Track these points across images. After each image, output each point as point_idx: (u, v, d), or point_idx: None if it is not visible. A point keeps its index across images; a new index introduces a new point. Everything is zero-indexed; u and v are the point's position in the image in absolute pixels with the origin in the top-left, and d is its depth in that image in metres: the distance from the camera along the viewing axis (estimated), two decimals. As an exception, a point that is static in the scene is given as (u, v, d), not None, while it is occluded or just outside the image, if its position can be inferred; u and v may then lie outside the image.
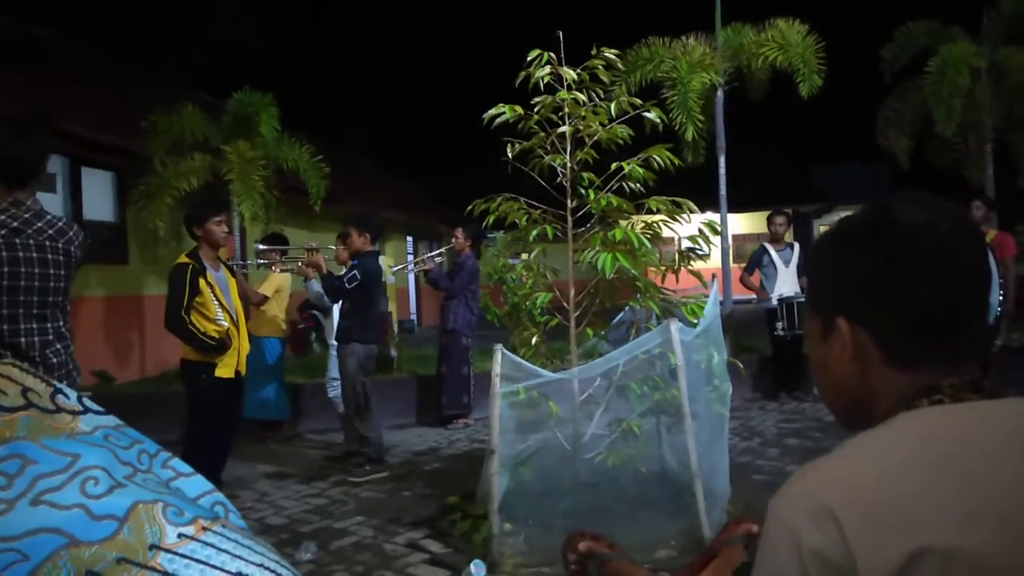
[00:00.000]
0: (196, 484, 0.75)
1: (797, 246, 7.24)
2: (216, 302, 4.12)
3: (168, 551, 0.66)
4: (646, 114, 4.15)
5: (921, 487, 0.70)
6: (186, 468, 0.75)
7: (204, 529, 0.68)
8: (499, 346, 3.74)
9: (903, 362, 0.82)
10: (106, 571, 0.62)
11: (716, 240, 4.50)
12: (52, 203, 7.03)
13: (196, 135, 7.72)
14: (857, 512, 0.69)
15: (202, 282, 4.07)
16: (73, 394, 0.70)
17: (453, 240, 6.76)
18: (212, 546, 0.68)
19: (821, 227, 24.78)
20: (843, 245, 0.87)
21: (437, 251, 7.22)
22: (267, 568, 0.69)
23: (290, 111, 8.50)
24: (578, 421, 3.95)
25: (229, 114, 8.08)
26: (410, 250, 17.20)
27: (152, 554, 0.65)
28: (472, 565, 3.37)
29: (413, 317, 16.60)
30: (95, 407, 0.71)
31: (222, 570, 0.67)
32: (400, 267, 9.05)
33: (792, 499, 0.74)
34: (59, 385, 0.69)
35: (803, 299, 6.51)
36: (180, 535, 0.67)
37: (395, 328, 9.41)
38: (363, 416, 5.25)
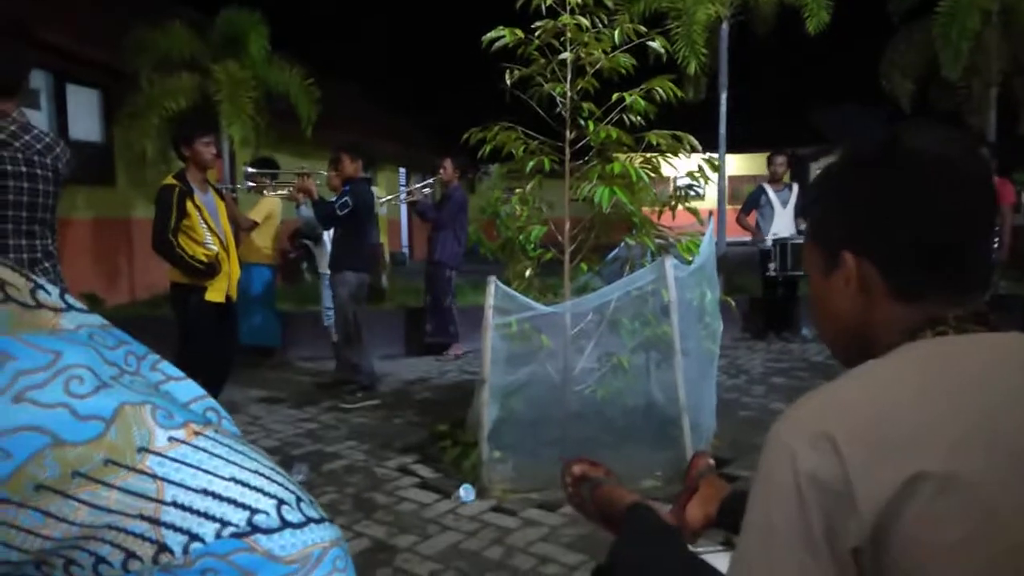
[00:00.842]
0: (187, 388, 0.72)
1: (796, 187, 7.18)
2: (204, 225, 4.05)
3: (158, 454, 0.63)
4: (650, 43, 4.01)
5: (920, 415, 0.70)
6: (176, 372, 0.72)
7: (196, 434, 0.66)
8: (493, 278, 3.72)
9: (909, 294, 0.80)
10: (93, 472, 0.60)
11: (713, 179, 4.44)
12: (36, 121, 6.83)
13: (183, 53, 7.47)
14: (855, 437, 0.69)
15: (189, 204, 3.99)
16: (55, 290, 0.66)
17: (441, 171, 6.65)
18: (204, 451, 0.65)
19: (817, 169, 24.58)
20: (850, 174, 0.85)
21: (426, 182, 7.09)
22: (262, 475, 0.67)
23: (280, 34, 8.24)
24: (569, 355, 3.97)
25: (217, 32, 7.80)
26: (403, 182, 16.98)
27: (140, 457, 0.62)
28: (461, 488, 3.46)
29: (405, 250, 16.53)
30: (78, 305, 0.67)
31: (215, 475, 0.64)
32: (390, 198, 8.93)
33: (792, 423, 0.74)
34: (40, 281, 0.65)
35: (798, 240, 6.54)
36: (170, 438, 0.64)
37: (387, 259, 9.37)
38: (354, 344, 5.26)
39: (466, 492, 3.46)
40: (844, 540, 0.67)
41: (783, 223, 6.96)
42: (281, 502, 0.66)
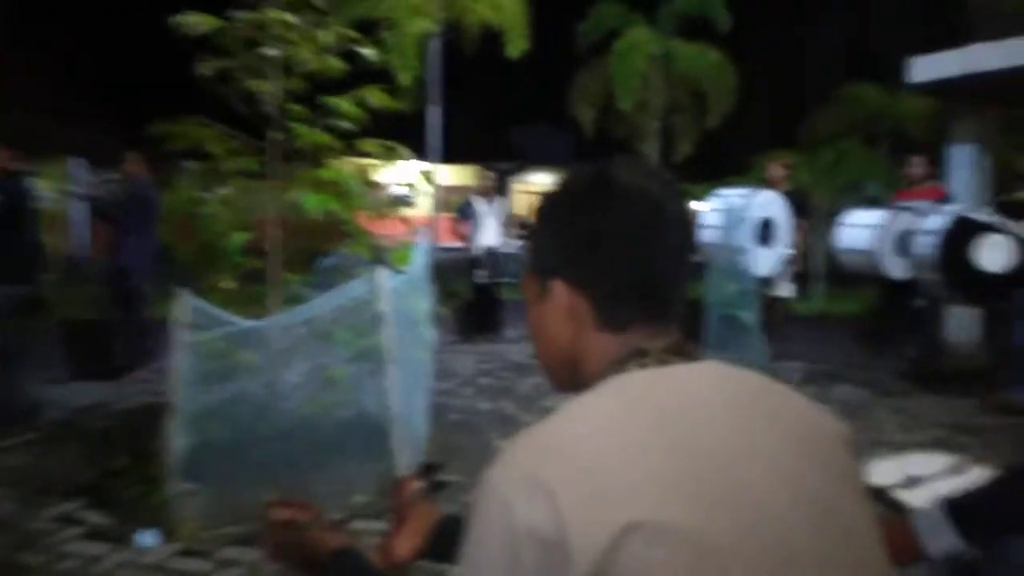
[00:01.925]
0: None
1: (501, 200, 7.67)
2: None
3: None
4: (361, 50, 3.94)
5: (629, 457, 0.69)
6: None
7: None
8: (184, 290, 3.33)
9: (616, 325, 0.81)
10: None
11: (428, 189, 4.51)
12: None
13: None
14: (568, 484, 0.67)
15: None
16: None
17: (125, 165, 5.86)
18: None
19: (514, 184, 26.66)
20: (560, 207, 0.86)
21: (107, 177, 6.19)
22: None
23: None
24: (275, 370, 3.71)
25: None
26: (81, 174, 14.62)
27: None
28: (140, 534, 3.01)
29: (81, 252, 14.25)
30: None
31: None
32: (62, 192, 7.64)
33: (505, 469, 0.70)
34: None
35: (506, 250, 7.03)
36: None
37: (65, 265, 7.98)
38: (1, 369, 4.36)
39: (146, 537, 3.02)
40: None
41: (491, 233, 7.39)
42: None
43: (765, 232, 6.40)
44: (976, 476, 1.55)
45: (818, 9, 19.75)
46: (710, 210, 6.01)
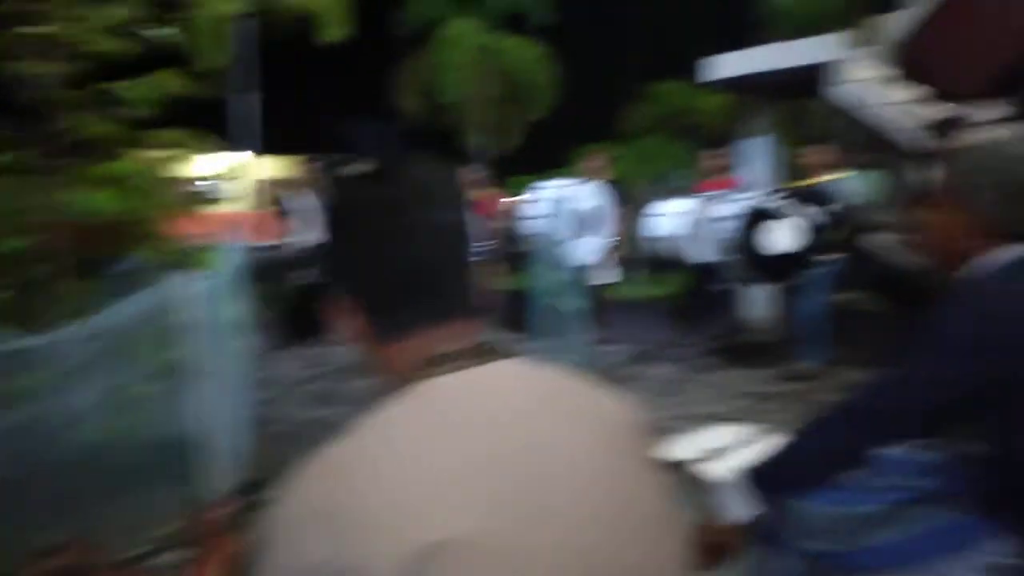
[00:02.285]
0: None
1: (322, 195, 7.36)
2: None
3: None
4: (156, 30, 3.58)
5: (424, 473, 0.66)
6: None
7: None
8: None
9: (398, 332, 0.78)
10: None
11: (241, 183, 4.21)
12: None
13: None
14: (359, 510, 0.63)
15: None
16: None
17: None
18: None
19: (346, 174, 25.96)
20: (334, 209, 0.84)
21: None
22: None
23: None
24: (63, 393, 3.30)
25: None
26: None
27: None
28: None
29: None
30: None
31: None
32: None
33: (289, 500, 0.65)
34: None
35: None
36: None
37: None
38: None
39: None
40: None
41: (310, 229, 7.07)
42: None
43: (586, 221, 6.68)
44: (768, 443, 1.67)
45: (632, 10, 21.01)
46: (534, 201, 6.16)
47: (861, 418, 1.38)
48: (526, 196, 6.59)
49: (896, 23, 6.80)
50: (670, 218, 6.51)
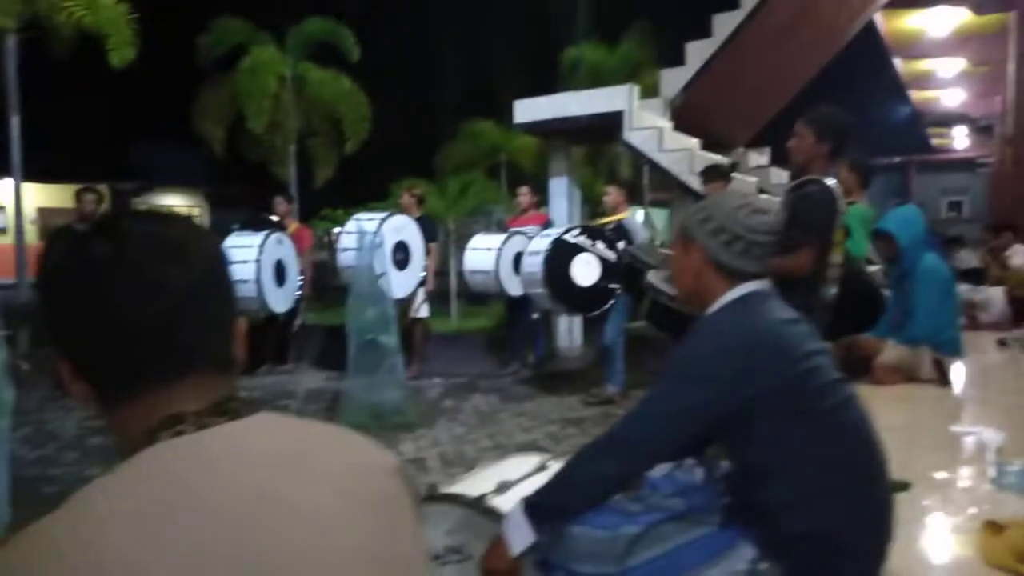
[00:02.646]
0: None
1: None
2: None
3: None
4: None
5: (144, 549, 0.61)
6: None
7: None
8: None
9: (123, 394, 0.72)
10: None
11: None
12: None
13: None
14: None
15: None
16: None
17: None
18: None
19: (140, 206, 23.86)
20: (39, 273, 0.77)
21: None
22: None
23: None
24: None
25: None
26: None
27: None
28: None
29: None
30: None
31: None
32: None
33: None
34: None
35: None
36: None
37: None
38: None
39: None
40: None
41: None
42: None
43: (400, 256, 6.67)
44: (556, 470, 1.73)
45: (445, 50, 21.56)
46: (347, 235, 6.04)
47: (621, 447, 1.49)
48: (342, 229, 6.45)
49: (675, 78, 7.62)
50: (482, 252, 6.69)
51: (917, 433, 3.07)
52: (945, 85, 14.37)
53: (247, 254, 6.59)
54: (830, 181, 2.98)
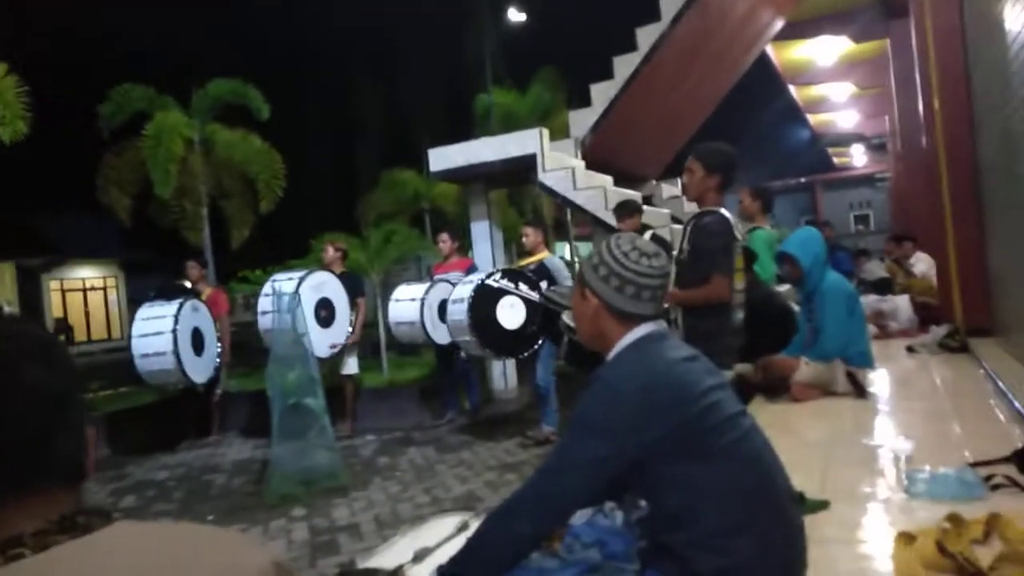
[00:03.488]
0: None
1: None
2: None
3: None
4: None
5: None
6: None
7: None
8: None
9: None
10: None
11: None
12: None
13: None
14: None
15: None
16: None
17: None
18: None
19: (51, 281, 22.75)
20: None
21: None
22: None
23: None
24: None
25: None
26: None
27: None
28: None
29: None
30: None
31: None
32: None
33: None
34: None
35: None
36: None
37: None
38: None
39: None
40: None
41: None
42: None
43: (324, 313, 6.53)
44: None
45: (361, 102, 21.60)
46: (264, 297, 5.87)
47: (532, 505, 1.46)
48: (261, 290, 6.27)
49: (583, 118, 7.83)
50: (407, 303, 6.61)
51: (835, 449, 3.14)
52: (838, 108, 15.26)
53: (162, 325, 6.34)
54: (724, 212, 3.09)
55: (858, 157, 24.81)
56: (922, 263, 7.94)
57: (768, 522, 1.43)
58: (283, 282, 6.26)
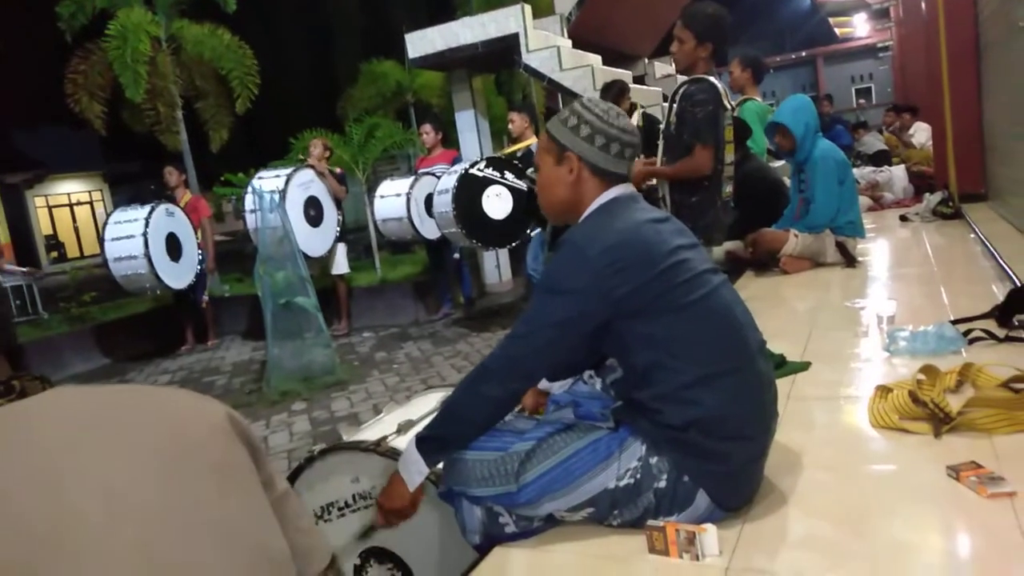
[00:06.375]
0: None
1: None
2: None
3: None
4: None
5: None
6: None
7: None
8: None
9: None
10: None
11: None
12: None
13: None
14: None
15: None
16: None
17: None
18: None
19: (36, 198, 22.42)
20: None
21: None
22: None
23: None
24: None
25: None
26: None
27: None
28: None
29: None
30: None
31: None
32: None
33: None
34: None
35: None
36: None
37: None
38: None
39: None
40: None
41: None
42: None
43: (312, 212, 6.43)
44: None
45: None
46: (254, 195, 5.74)
47: (502, 368, 1.46)
48: (244, 192, 6.14)
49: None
50: (393, 199, 6.49)
51: (820, 315, 3.15)
52: (839, -28, 14.49)
53: (132, 228, 6.26)
54: (713, 79, 2.92)
55: (861, 26, 23.82)
56: (921, 133, 7.75)
57: (737, 373, 1.44)
58: (269, 179, 6.13)
